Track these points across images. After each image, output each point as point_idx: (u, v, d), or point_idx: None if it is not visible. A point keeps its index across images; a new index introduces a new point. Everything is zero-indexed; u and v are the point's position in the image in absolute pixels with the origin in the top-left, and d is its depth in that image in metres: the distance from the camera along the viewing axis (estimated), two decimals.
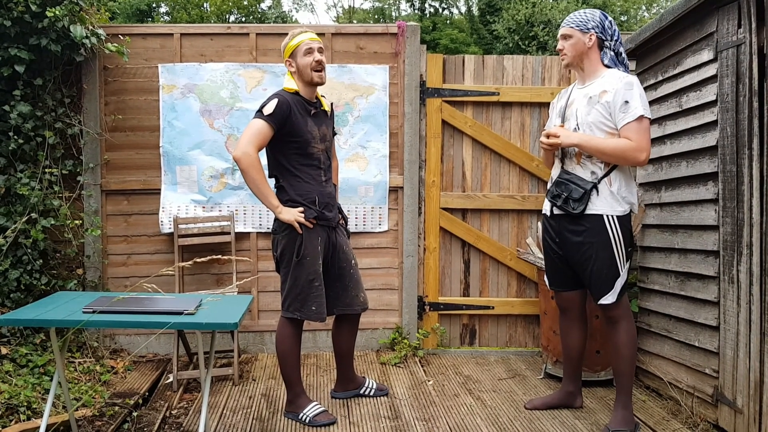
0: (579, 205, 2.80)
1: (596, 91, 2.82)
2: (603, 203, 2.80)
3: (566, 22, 2.88)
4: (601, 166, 2.82)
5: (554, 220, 2.97)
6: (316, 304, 2.97)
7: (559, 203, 2.87)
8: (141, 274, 4.01)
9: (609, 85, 2.78)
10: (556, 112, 3.08)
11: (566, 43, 2.87)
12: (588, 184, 2.80)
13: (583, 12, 2.87)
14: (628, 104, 2.71)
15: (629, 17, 17.58)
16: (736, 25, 2.76)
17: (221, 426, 3.01)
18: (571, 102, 2.94)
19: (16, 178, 3.67)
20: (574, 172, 2.88)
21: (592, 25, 2.83)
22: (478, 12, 19.36)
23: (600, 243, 2.80)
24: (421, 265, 4.24)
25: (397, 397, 3.40)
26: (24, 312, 2.47)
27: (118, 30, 4.04)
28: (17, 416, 2.85)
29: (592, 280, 2.86)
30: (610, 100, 2.75)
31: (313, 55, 2.95)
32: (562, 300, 3.11)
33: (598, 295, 2.86)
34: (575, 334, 3.12)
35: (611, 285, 2.82)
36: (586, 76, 2.91)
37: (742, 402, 2.73)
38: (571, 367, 3.19)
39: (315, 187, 3.01)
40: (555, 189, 2.90)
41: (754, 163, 2.65)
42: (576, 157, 2.87)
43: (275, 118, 2.86)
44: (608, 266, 2.82)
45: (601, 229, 2.80)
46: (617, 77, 2.78)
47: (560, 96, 3.12)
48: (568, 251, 2.93)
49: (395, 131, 4.19)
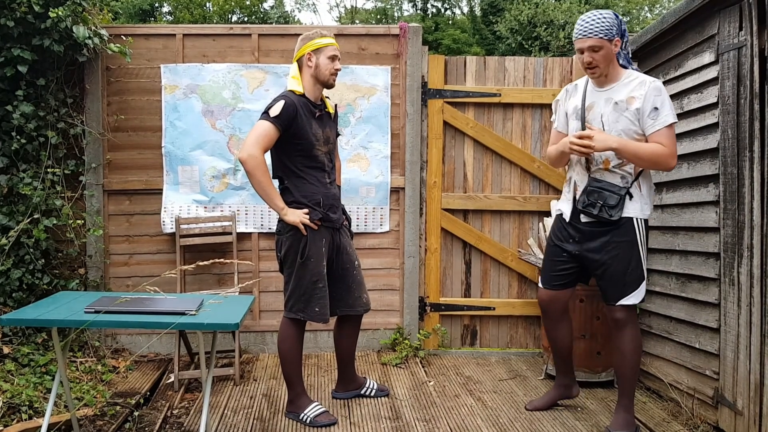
0: (616, 212, 2.75)
1: (622, 96, 2.74)
2: (634, 207, 2.78)
3: (591, 31, 2.69)
4: (631, 171, 2.77)
5: (577, 223, 2.90)
6: (320, 305, 2.98)
7: (595, 212, 2.78)
8: (143, 274, 4.01)
9: (636, 91, 2.71)
10: (570, 113, 2.95)
11: (597, 55, 2.71)
12: (622, 190, 2.76)
13: (602, 17, 2.70)
14: (658, 111, 2.67)
15: (631, 18, 17.55)
16: (738, 27, 2.76)
17: (222, 426, 3.01)
18: (590, 105, 2.85)
19: (18, 178, 3.67)
20: (605, 179, 2.80)
21: (615, 31, 2.71)
22: (480, 12, 19.34)
23: (627, 243, 2.78)
24: (422, 265, 4.24)
25: (398, 397, 3.41)
26: (26, 312, 2.49)
27: (121, 30, 4.05)
28: (19, 415, 2.85)
29: (613, 281, 2.81)
30: (639, 107, 2.69)
31: (335, 62, 2.99)
32: (550, 298, 3.04)
33: (619, 295, 2.80)
34: (563, 329, 3.10)
35: (636, 286, 2.79)
36: (607, 80, 2.81)
37: (742, 404, 2.73)
38: (563, 362, 3.18)
39: (320, 189, 3.01)
40: (587, 198, 2.81)
41: (755, 165, 2.65)
42: (604, 163, 2.80)
43: (281, 120, 2.86)
44: (633, 267, 2.78)
45: (630, 230, 2.78)
46: (641, 82, 2.73)
47: (569, 93, 3.00)
48: (591, 251, 2.85)
49: (397, 132, 4.19)
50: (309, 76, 3.00)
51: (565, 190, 3.01)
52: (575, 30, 2.78)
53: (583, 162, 2.87)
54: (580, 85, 2.94)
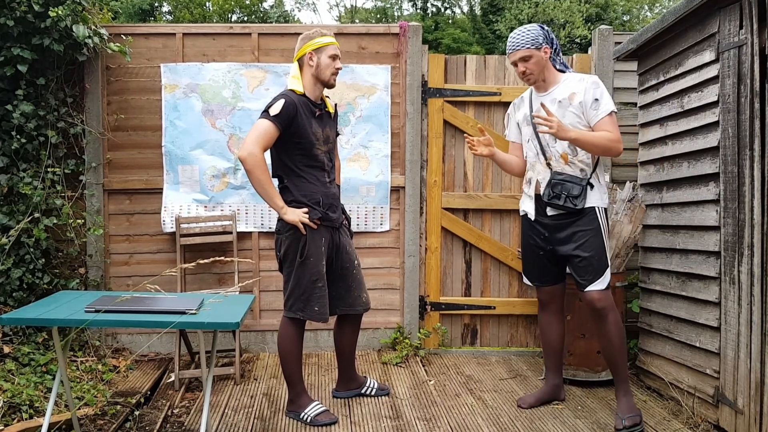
0: (580, 201, 2.95)
1: (564, 94, 2.98)
2: (595, 196, 2.99)
3: (518, 44, 2.97)
4: (588, 162, 2.98)
5: (543, 219, 3.08)
6: (319, 304, 2.97)
7: (561, 203, 2.97)
8: (143, 274, 4.01)
9: (576, 87, 2.96)
10: (521, 122, 3.18)
11: (528, 64, 2.98)
12: (583, 181, 2.97)
13: (526, 30, 2.98)
14: (598, 101, 2.91)
15: (631, 17, 17.53)
16: (738, 26, 2.76)
17: (223, 425, 3.01)
18: (537, 110, 3.04)
19: (18, 178, 3.67)
20: (566, 171, 3.00)
21: (542, 40, 2.97)
22: (480, 11, 19.32)
23: (593, 231, 2.97)
24: (422, 264, 4.24)
25: (399, 396, 3.41)
26: (26, 311, 2.48)
27: (121, 30, 4.05)
28: (20, 415, 2.85)
29: (582, 268, 2.97)
30: (582, 100, 2.93)
31: (336, 61, 3.00)
32: (545, 294, 3.24)
33: (588, 281, 2.96)
34: (555, 327, 3.26)
35: (601, 273, 2.95)
36: (547, 84, 3.04)
37: (742, 402, 2.73)
38: (553, 361, 3.31)
39: (319, 188, 3.01)
40: (551, 191, 3.00)
41: (756, 164, 2.65)
42: (563, 157, 2.98)
43: (281, 119, 2.86)
44: (599, 254, 2.95)
45: (593, 219, 2.97)
46: (580, 79, 2.97)
47: (516, 106, 3.25)
48: (560, 243, 3.04)
49: (397, 131, 4.19)
50: (310, 75, 3.00)
51: (525, 189, 3.20)
52: (506, 47, 3.06)
53: (542, 160, 3.05)
54: (525, 96, 3.20)
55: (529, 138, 3.12)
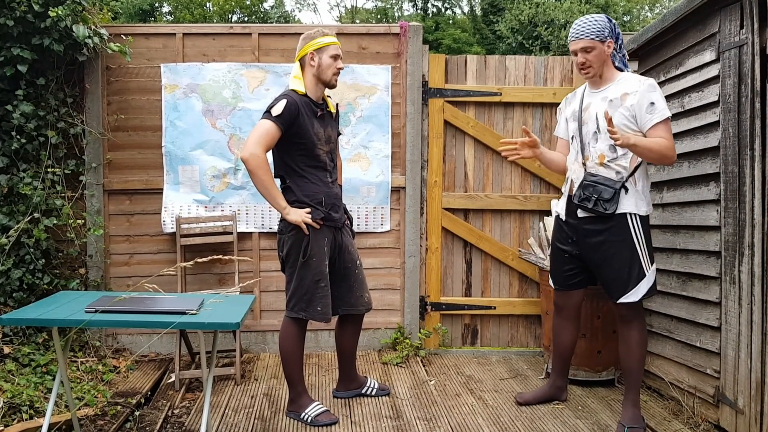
0: (611, 205, 2.80)
1: (616, 94, 2.83)
2: (629, 202, 2.82)
3: (582, 33, 2.82)
4: (626, 165, 2.82)
5: (573, 221, 2.97)
6: (322, 304, 2.97)
7: (590, 206, 2.84)
8: (143, 274, 4.01)
9: (630, 87, 2.80)
10: (569, 116, 3.06)
11: (589, 56, 2.83)
12: (617, 184, 2.80)
13: (593, 20, 2.84)
14: (654, 105, 2.74)
15: (632, 17, 17.54)
16: (739, 25, 2.76)
17: (223, 425, 3.01)
18: (586, 106, 2.94)
19: (18, 178, 3.67)
20: (599, 173, 2.86)
21: (607, 33, 2.83)
22: (480, 12, 19.34)
23: (622, 242, 2.82)
24: (423, 265, 4.24)
25: (399, 396, 3.40)
26: (26, 311, 2.48)
27: (121, 30, 4.04)
28: (20, 415, 2.85)
29: (611, 280, 2.87)
30: (634, 102, 2.77)
31: (338, 61, 3.00)
32: (563, 299, 3.15)
33: (618, 294, 2.85)
34: (569, 332, 3.18)
35: (635, 284, 2.82)
36: (602, 81, 2.91)
37: (743, 402, 2.72)
38: (562, 364, 3.26)
39: (322, 188, 3.01)
40: (582, 192, 2.87)
41: (756, 163, 2.65)
42: (599, 158, 2.86)
43: (283, 120, 2.86)
44: (630, 266, 2.82)
45: (624, 228, 2.82)
46: (636, 80, 2.81)
47: (569, 100, 3.13)
48: (588, 252, 2.94)
49: (397, 131, 4.19)
50: (311, 75, 2.99)
51: (564, 190, 3.10)
52: (569, 34, 2.90)
53: (579, 159, 2.94)
54: (578, 91, 3.08)
55: (573, 134, 3.00)
